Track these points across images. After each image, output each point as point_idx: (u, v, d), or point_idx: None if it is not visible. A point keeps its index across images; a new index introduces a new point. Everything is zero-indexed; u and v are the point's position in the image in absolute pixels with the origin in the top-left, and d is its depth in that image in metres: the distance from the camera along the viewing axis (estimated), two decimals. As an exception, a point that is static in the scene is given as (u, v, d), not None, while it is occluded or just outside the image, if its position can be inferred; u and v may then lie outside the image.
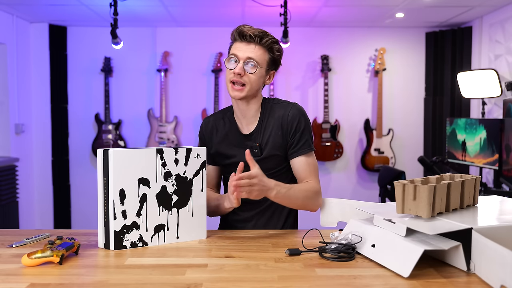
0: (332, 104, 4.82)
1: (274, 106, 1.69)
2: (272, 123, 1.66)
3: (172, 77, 4.80)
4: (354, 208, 1.66)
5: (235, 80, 1.58)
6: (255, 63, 1.58)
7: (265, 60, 1.61)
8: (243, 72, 1.57)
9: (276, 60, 1.65)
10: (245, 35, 1.58)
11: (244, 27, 1.60)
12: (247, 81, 1.59)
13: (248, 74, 1.58)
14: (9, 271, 1.15)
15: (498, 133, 3.22)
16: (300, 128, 1.65)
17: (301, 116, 1.67)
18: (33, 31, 4.59)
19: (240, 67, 1.57)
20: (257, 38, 1.58)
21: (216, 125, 1.74)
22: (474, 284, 1.05)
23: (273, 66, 1.66)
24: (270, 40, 1.60)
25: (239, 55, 1.58)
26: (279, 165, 1.68)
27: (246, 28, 1.59)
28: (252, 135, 1.68)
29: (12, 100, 4.25)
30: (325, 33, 4.81)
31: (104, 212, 1.35)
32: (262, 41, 1.59)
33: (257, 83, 1.61)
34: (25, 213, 4.40)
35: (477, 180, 1.37)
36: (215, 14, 4.27)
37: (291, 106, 1.68)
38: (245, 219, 1.71)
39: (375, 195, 4.62)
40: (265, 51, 1.60)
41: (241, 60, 1.58)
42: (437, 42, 4.72)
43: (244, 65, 1.58)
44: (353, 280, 1.08)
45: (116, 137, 4.70)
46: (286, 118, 1.65)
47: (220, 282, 1.07)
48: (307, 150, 1.65)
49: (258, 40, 1.58)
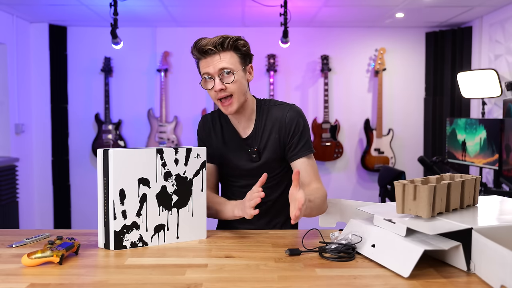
0: (332, 104, 4.82)
1: (270, 108, 1.66)
2: (270, 126, 1.63)
3: (172, 77, 4.80)
4: (354, 208, 1.66)
5: (221, 96, 1.54)
6: (229, 70, 1.52)
7: (236, 61, 1.55)
8: (224, 86, 1.52)
9: (246, 55, 1.58)
10: (205, 50, 1.52)
11: (201, 41, 1.53)
12: (232, 91, 1.54)
13: (228, 85, 1.53)
14: (9, 271, 1.15)
15: (498, 133, 3.22)
16: (299, 130, 1.62)
17: (299, 118, 1.63)
18: (33, 31, 4.59)
19: (218, 83, 1.52)
20: (218, 46, 1.52)
21: (214, 124, 1.72)
22: (474, 284, 1.05)
23: (246, 61, 1.60)
24: (231, 41, 1.53)
25: (210, 72, 1.53)
26: (277, 169, 1.66)
27: (204, 42, 1.52)
28: (249, 138, 1.66)
29: (12, 100, 4.25)
30: (325, 33, 4.81)
31: (104, 212, 1.35)
32: (224, 46, 1.52)
33: (241, 87, 1.56)
34: (25, 213, 4.40)
35: (477, 180, 1.37)
36: (215, 14, 4.27)
37: (288, 107, 1.65)
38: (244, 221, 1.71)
39: (375, 195, 4.62)
40: (231, 53, 1.54)
41: (215, 75, 1.52)
42: (437, 42, 4.72)
43: (220, 78, 1.52)
44: (353, 280, 1.08)
45: (116, 137, 4.70)
46: (284, 120, 1.62)
47: (220, 282, 1.07)
48: (307, 152, 1.62)
49: (220, 48, 1.52)
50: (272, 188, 1.68)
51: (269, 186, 1.66)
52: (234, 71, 1.53)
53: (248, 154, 1.65)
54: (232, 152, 1.67)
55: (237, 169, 1.68)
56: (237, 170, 1.68)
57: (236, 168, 1.68)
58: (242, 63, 1.57)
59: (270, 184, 1.67)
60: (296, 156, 1.62)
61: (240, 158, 1.66)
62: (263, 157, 1.64)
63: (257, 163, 1.64)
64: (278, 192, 1.70)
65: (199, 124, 1.75)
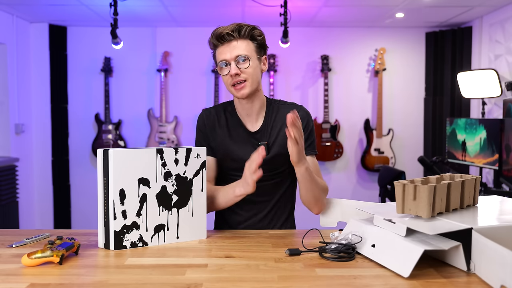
0: (332, 104, 4.82)
1: (281, 106, 1.70)
2: (280, 123, 1.66)
3: (172, 77, 4.80)
4: (354, 208, 1.66)
5: (235, 81, 1.57)
6: (245, 57, 1.56)
7: (252, 49, 1.59)
8: (239, 71, 1.56)
9: (261, 44, 1.63)
10: (223, 36, 1.56)
11: (218, 29, 1.58)
12: (247, 76, 1.57)
13: (244, 70, 1.56)
14: (9, 271, 1.15)
15: (498, 133, 3.22)
16: (308, 129, 1.68)
17: (309, 119, 1.70)
18: (33, 31, 4.59)
19: (234, 68, 1.55)
20: (235, 33, 1.55)
21: (218, 117, 1.72)
22: (474, 284, 1.05)
23: (261, 51, 1.64)
24: (248, 29, 1.57)
25: (227, 58, 1.56)
26: (284, 164, 1.67)
27: (221, 29, 1.57)
28: (258, 132, 1.67)
29: (12, 100, 4.26)
30: (325, 33, 4.81)
31: (104, 212, 1.35)
32: (241, 33, 1.56)
33: (256, 74, 1.60)
34: (25, 213, 4.40)
35: (477, 180, 1.37)
36: (215, 14, 4.27)
37: (299, 107, 1.70)
38: (245, 219, 1.71)
39: (375, 195, 4.62)
40: (248, 41, 1.58)
41: (231, 61, 1.56)
42: (437, 42, 4.72)
43: (236, 64, 1.56)
44: (353, 280, 1.08)
45: (116, 137, 4.70)
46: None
47: (220, 282, 1.07)
48: (313, 152, 1.68)
49: (237, 35, 1.56)
50: (276, 185, 1.69)
51: (272, 182, 1.68)
52: (250, 58, 1.57)
53: (255, 148, 1.63)
54: (238, 144, 1.67)
55: (241, 162, 1.62)
56: (241, 162, 1.63)
57: (241, 160, 1.63)
58: (257, 52, 1.62)
59: (274, 181, 1.68)
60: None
61: (246, 151, 1.64)
62: (272, 151, 1.65)
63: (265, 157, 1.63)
64: (282, 189, 1.70)
65: (201, 117, 1.73)
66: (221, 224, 1.78)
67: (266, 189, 1.67)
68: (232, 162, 1.68)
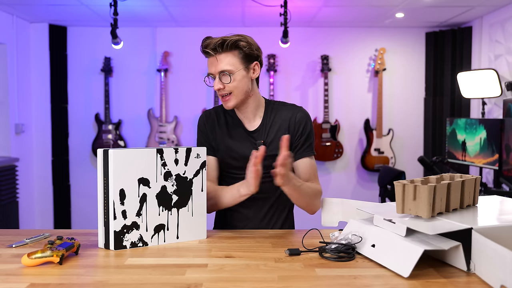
0: (332, 104, 4.82)
1: (280, 107, 1.73)
2: (278, 124, 1.69)
3: (172, 77, 4.80)
4: (354, 208, 1.66)
5: (220, 94, 1.63)
6: (227, 72, 1.59)
7: (236, 62, 1.60)
8: (222, 85, 1.60)
9: (248, 54, 1.62)
10: (208, 51, 1.60)
11: (205, 41, 1.61)
12: (231, 90, 1.61)
13: (227, 84, 1.60)
14: (9, 271, 1.15)
15: (498, 133, 3.23)
16: (306, 131, 1.69)
17: (308, 120, 1.72)
18: (33, 31, 4.59)
19: (217, 82, 1.60)
20: (218, 48, 1.58)
21: (218, 118, 1.75)
22: (474, 284, 1.05)
23: (250, 60, 1.63)
24: (231, 42, 1.58)
25: (212, 71, 1.62)
26: None
27: (206, 43, 1.60)
28: (255, 132, 1.70)
29: (12, 100, 4.26)
30: (325, 33, 4.81)
31: (104, 212, 1.35)
32: (223, 46, 1.58)
33: (241, 86, 1.62)
34: (25, 213, 4.40)
35: (477, 180, 1.37)
36: (215, 14, 4.27)
37: (298, 109, 1.73)
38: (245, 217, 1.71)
39: (375, 195, 4.62)
40: (232, 53, 1.60)
41: (215, 74, 1.61)
42: (437, 42, 4.72)
43: (220, 78, 1.60)
44: (353, 280, 1.08)
45: (116, 137, 4.70)
46: (294, 119, 1.69)
47: (220, 282, 1.07)
48: (311, 153, 1.70)
49: (220, 49, 1.59)
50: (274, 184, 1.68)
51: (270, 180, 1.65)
52: (233, 72, 1.60)
53: (253, 146, 1.67)
54: (237, 143, 1.70)
55: (241, 159, 1.66)
56: (240, 160, 1.67)
57: (240, 158, 1.67)
58: (244, 62, 1.62)
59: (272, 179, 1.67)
60: (300, 156, 1.68)
61: (245, 148, 1.67)
62: (269, 150, 1.64)
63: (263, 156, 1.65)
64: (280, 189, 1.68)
65: (201, 118, 1.77)
66: (222, 223, 1.78)
67: (265, 187, 1.66)
68: (232, 160, 1.70)
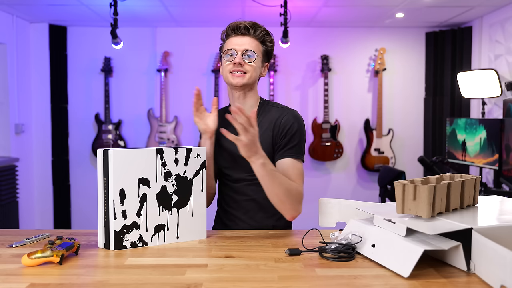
0: (332, 104, 4.82)
1: (271, 108, 1.70)
2: (266, 124, 1.66)
3: (172, 77, 4.80)
4: (352, 209, 1.66)
5: (236, 69, 1.60)
6: (253, 53, 1.62)
7: (260, 51, 1.65)
8: (243, 62, 1.60)
9: (269, 52, 1.69)
10: (240, 27, 1.62)
11: (236, 21, 1.64)
12: (248, 70, 1.61)
13: (248, 63, 1.61)
14: (9, 271, 1.15)
15: (498, 133, 3.23)
16: (291, 132, 1.62)
17: (294, 122, 1.64)
18: (33, 31, 4.59)
19: (239, 57, 1.60)
20: (251, 29, 1.62)
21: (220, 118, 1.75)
22: (474, 284, 1.05)
23: (266, 57, 1.70)
24: (263, 32, 1.64)
25: (236, 48, 1.61)
26: None
27: (239, 22, 1.63)
28: None
29: (12, 100, 4.25)
30: (325, 33, 4.81)
31: (104, 212, 1.35)
32: (256, 32, 1.63)
33: (256, 72, 1.65)
34: (25, 213, 4.40)
35: (477, 180, 1.37)
36: (215, 14, 4.27)
37: (287, 111, 1.67)
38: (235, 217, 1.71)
39: (375, 195, 4.62)
40: (259, 42, 1.65)
41: (238, 52, 1.61)
42: (437, 42, 4.72)
43: (242, 55, 1.61)
44: (353, 280, 1.08)
45: (116, 137, 4.70)
46: (280, 121, 1.64)
47: (220, 282, 1.07)
48: (294, 155, 1.60)
49: (253, 32, 1.62)
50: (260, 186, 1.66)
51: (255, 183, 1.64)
52: (256, 56, 1.63)
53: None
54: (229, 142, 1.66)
55: (228, 158, 1.69)
56: (227, 158, 1.69)
57: (228, 157, 1.69)
58: (263, 56, 1.67)
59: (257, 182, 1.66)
60: (280, 156, 1.62)
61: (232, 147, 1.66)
62: None
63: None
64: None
65: None
66: (217, 222, 1.80)
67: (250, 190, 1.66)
68: (223, 157, 1.72)
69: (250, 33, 1.62)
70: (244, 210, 1.70)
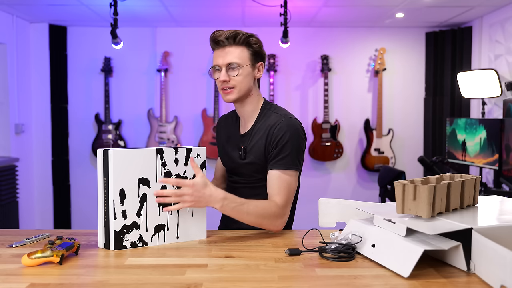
0: (332, 104, 4.82)
1: (271, 114, 1.65)
2: (262, 131, 1.63)
3: (172, 77, 4.80)
4: (352, 209, 1.66)
5: (224, 86, 1.61)
6: (236, 65, 1.59)
7: (245, 57, 1.61)
8: (228, 78, 1.59)
9: (257, 52, 1.64)
10: (218, 41, 1.59)
11: (216, 33, 1.61)
12: (235, 84, 1.60)
13: (233, 77, 1.59)
14: (9, 271, 1.15)
15: (498, 133, 3.23)
16: (282, 142, 1.57)
17: (287, 132, 1.58)
18: (33, 31, 4.58)
19: (223, 74, 1.59)
20: (230, 40, 1.59)
21: (226, 122, 1.81)
22: (474, 284, 1.05)
23: (257, 58, 1.65)
24: (244, 36, 1.60)
25: (219, 63, 1.60)
26: (260, 173, 1.65)
27: (218, 33, 1.60)
28: (244, 136, 1.70)
29: (12, 100, 4.25)
30: (325, 33, 4.81)
31: (104, 212, 1.35)
32: (236, 40, 1.59)
33: (245, 82, 1.61)
34: (25, 213, 4.40)
35: (477, 180, 1.37)
36: (215, 14, 4.27)
37: (283, 118, 1.61)
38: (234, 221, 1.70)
39: (375, 195, 4.62)
40: (242, 48, 1.60)
41: (222, 67, 1.59)
42: (437, 42, 4.72)
43: (226, 71, 1.59)
44: (353, 280, 1.08)
45: (116, 137, 4.70)
46: (274, 129, 1.59)
47: (220, 282, 1.07)
48: (283, 166, 1.56)
49: (232, 41, 1.59)
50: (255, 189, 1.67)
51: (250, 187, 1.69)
52: (241, 66, 1.59)
53: (238, 150, 1.69)
54: (231, 146, 1.73)
55: (229, 162, 1.74)
56: (228, 162, 1.75)
57: (228, 161, 1.74)
58: (251, 59, 1.63)
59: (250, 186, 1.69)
60: (270, 166, 1.59)
61: (234, 153, 1.71)
62: (248, 157, 1.66)
63: (242, 162, 1.67)
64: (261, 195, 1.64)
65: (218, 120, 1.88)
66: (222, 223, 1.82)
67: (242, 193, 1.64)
68: (225, 162, 1.77)
69: (230, 43, 1.59)
70: None
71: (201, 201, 1.41)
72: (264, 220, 1.51)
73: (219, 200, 1.43)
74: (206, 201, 1.42)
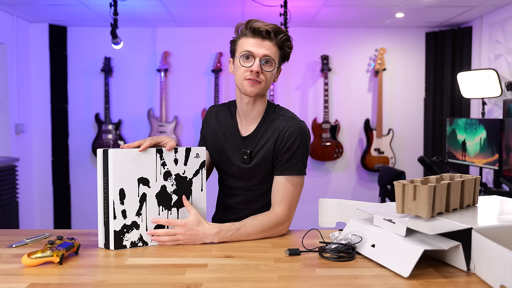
0: (332, 104, 4.82)
1: (277, 116, 1.60)
2: (269, 134, 1.57)
3: (172, 77, 4.80)
4: (352, 209, 1.66)
5: (252, 77, 1.51)
6: (272, 61, 1.52)
7: (278, 57, 1.55)
8: (261, 70, 1.51)
9: (285, 56, 1.59)
10: (261, 31, 1.50)
11: (256, 22, 1.51)
12: (263, 79, 1.52)
13: (265, 72, 1.52)
14: (9, 271, 1.15)
15: (498, 133, 3.23)
16: (293, 148, 1.54)
17: (299, 136, 1.54)
18: (33, 31, 4.58)
19: (257, 65, 1.50)
20: (272, 34, 1.51)
21: (218, 116, 1.69)
22: (474, 284, 1.05)
23: (281, 62, 1.59)
24: (284, 37, 1.54)
25: (254, 52, 1.50)
26: (266, 177, 1.61)
27: (260, 24, 1.50)
28: (247, 138, 1.62)
29: (12, 100, 4.25)
30: (325, 33, 4.81)
31: (104, 212, 1.35)
32: (277, 37, 1.52)
33: (270, 81, 1.56)
34: (25, 213, 4.40)
35: (477, 180, 1.37)
36: (215, 14, 4.27)
37: (293, 122, 1.56)
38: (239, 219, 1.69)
39: (375, 195, 4.62)
40: (277, 48, 1.54)
41: (257, 57, 1.50)
42: (437, 42, 4.72)
43: (260, 63, 1.50)
44: (353, 280, 1.08)
45: (116, 137, 4.70)
46: (283, 133, 1.55)
47: (220, 282, 1.07)
48: (293, 172, 1.54)
49: (273, 37, 1.51)
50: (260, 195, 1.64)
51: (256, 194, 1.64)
52: (274, 64, 1.54)
53: (241, 154, 1.61)
54: (231, 149, 1.64)
55: (229, 165, 1.65)
56: (228, 165, 1.65)
57: (229, 164, 1.64)
58: (279, 61, 1.58)
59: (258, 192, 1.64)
60: (278, 173, 1.56)
61: (235, 156, 1.63)
62: (254, 161, 1.59)
63: (247, 166, 1.60)
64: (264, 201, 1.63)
65: (206, 112, 1.75)
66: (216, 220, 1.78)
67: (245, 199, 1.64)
68: (222, 164, 1.67)
69: (271, 38, 1.51)
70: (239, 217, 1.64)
71: (195, 239, 1.40)
72: (266, 233, 1.49)
73: (213, 235, 1.40)
74: (200, 238, 1.40)
